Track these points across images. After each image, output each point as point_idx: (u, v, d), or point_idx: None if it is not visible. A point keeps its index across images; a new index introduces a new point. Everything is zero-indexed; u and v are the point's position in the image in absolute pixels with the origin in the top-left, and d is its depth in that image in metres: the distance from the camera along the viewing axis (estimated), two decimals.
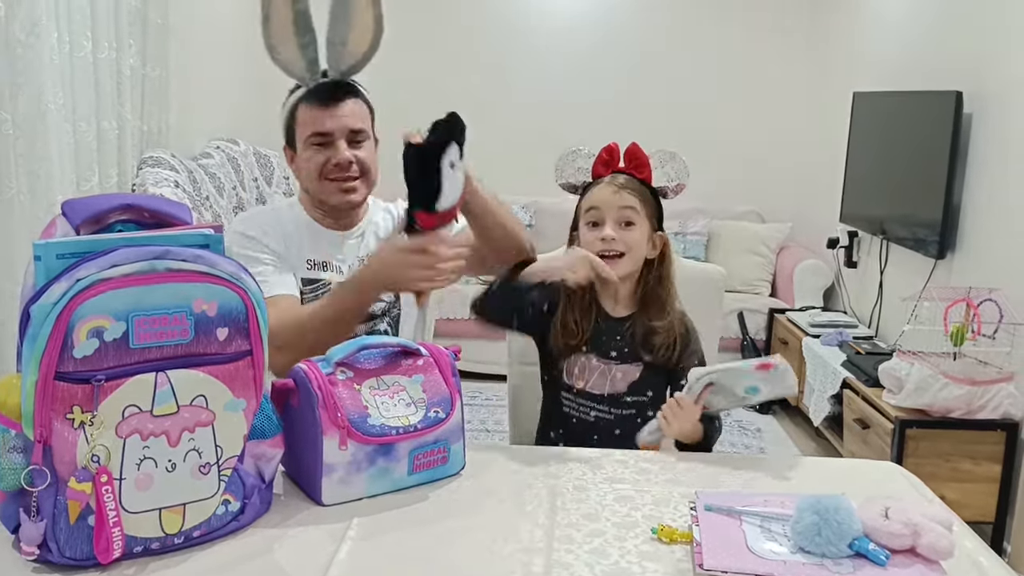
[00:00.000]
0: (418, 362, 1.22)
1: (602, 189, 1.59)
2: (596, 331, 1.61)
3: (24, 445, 0.92)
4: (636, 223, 1.56)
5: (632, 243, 1.56)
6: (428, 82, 4.98)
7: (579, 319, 1.60)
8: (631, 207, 1.56)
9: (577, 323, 1.60)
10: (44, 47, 2.12)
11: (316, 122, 1.59)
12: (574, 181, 1.65)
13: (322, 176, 1.62)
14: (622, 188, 1.57)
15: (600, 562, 1.00)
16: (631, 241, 1.56)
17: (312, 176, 1.63)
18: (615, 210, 1.56)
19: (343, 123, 1.60)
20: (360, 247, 1.72)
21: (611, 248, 1.55)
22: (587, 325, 1.60)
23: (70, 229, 0.98)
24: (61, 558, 0.94)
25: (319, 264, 1.67)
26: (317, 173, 1.62)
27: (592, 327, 1.61)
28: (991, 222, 2.85)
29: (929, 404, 2.63)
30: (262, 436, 1.08)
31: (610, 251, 1.55)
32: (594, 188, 1.61)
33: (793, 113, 4.86)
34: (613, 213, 1.56)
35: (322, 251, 1.68)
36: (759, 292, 4.45)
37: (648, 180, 1.61)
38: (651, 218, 1.59)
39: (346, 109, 1.61)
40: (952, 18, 3.22)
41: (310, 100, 1.60)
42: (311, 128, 1.60)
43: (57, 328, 0.88)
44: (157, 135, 2.97)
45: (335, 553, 1.01)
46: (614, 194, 1.56)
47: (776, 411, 4.03)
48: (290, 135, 1.65)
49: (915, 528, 0.97)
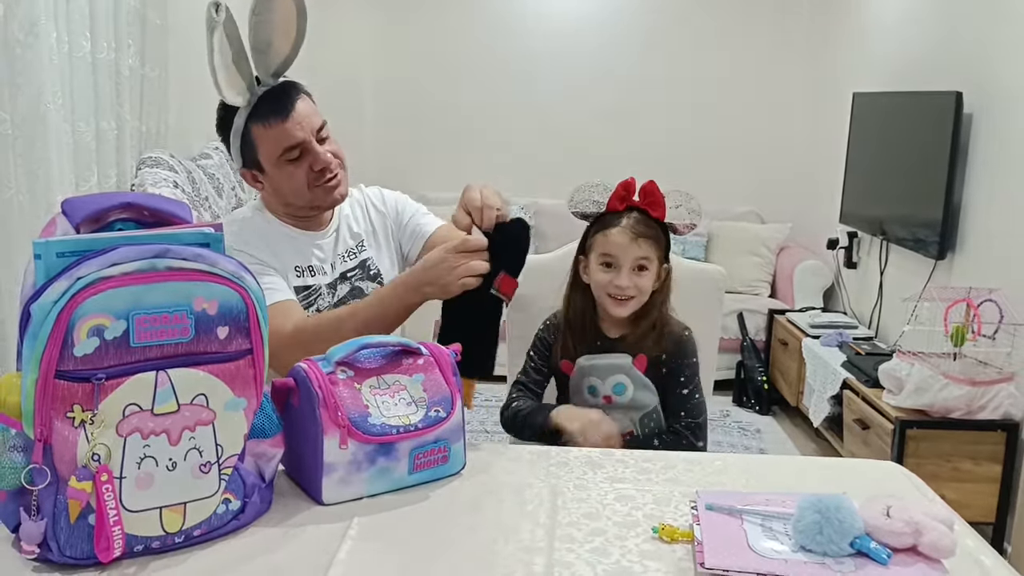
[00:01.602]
0: (419, 361, 1.22)
1: (619, 235, 1.60)
2: (597, 351, 1.67)
3: (24, 444, 0.92)
4: (649, 268, 1.61)
5: (643, 287, 1.61)
6: (428, 83, 4.99)
7: (579, 345, 1.67)
8: (645, 256, 1.60)
9: (576, 348, 1.67)
10: (43, 47, 2.12)
11: (283, 137, 1.54)
12: (587, 211, 1.67)
13: (311, 185, 1.59)
14: (639, 237, 1.59)
15: (601, 561, 1.00)
16: (643, 286, 1.61)
17: (299, 190, 1.59)
18: (631, 259, 1.59)
19: (306, 125, 1.56)
20: (338, 243, 1.71)
21: (624, 293, 1.60)
22: (584, 345, 1.67)
23: (70, 228, 0.98)
24: (61, 557, 0.93)
25: (306, 270, 1.65)
26: (304, 186, 1.59)
27: (590, 347, 1.67)
28: (991, 222, 2.85)
29: (929, 405, 2.63)
30: (263, 435, 1.07)
31: (622, 295, 1.61)
32: (611, 231, 1.61)
33: (793, 113, 4.86)
34: (629, 261, 1.59)
35: (305, 256, 1.66)
36: (759, 293, 4.45)
37: (661, 219, 1.63)
38: (661, 259, 1.63)
39: (301, 111, 1.56)
40: (952, 18, 3.22)
41: (264, 117, 1.53)
42: (281, 144, 1.54)
43: (57, 327, 0.88)
44: (156, 135, 2.97)
45: (335, 552, 1.00)
46: (631, 242, 1.59)
47: (776, 412, 4.03)
48: (249, 157, 1.59)
49: (917, 527, 0.97)
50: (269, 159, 1.57)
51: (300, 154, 1.56)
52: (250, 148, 1.57)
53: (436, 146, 5.06)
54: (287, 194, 1.62)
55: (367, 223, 1.78)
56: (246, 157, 1.59)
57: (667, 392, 1.64)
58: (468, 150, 5.07)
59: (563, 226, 4.88)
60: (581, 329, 1.68)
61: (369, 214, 1.80)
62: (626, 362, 1.62)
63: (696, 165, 4.82)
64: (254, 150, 1.57)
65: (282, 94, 1.55)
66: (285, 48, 1.53)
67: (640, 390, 1.62)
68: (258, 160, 1.58)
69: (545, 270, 1.84)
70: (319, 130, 1.59)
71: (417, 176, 4.98)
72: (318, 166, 1.58)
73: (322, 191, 1.61)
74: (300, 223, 1.68)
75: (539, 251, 4.58)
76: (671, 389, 1.64)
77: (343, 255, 1.71)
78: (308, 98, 1.60)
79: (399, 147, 4.94)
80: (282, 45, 1.52)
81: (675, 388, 1.63)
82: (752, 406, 4.06)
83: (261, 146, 1.56)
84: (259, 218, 1.67)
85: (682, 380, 1.63)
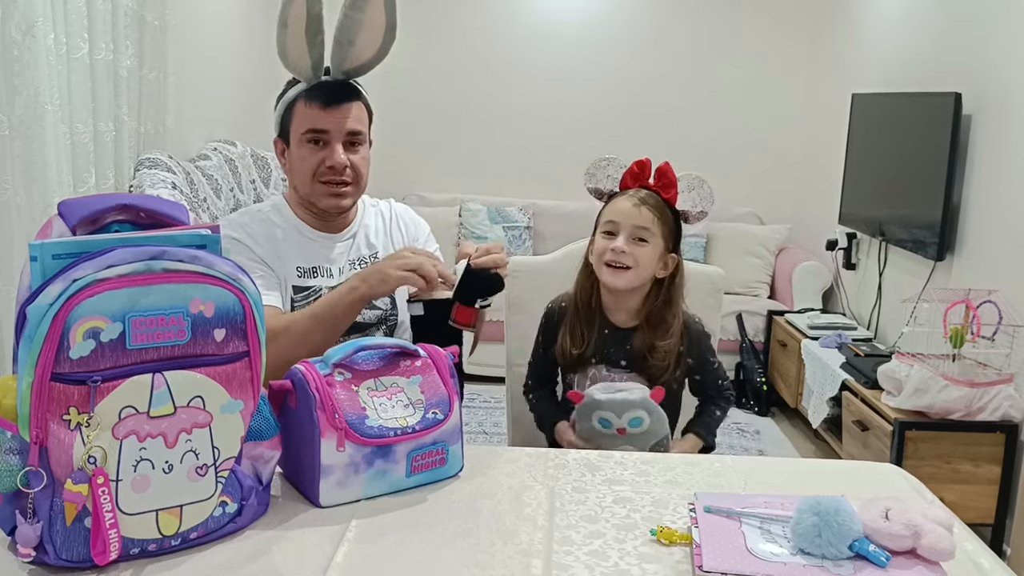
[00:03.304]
0: (416, 363, 1.21)
1: (623, 201, 1.60)
2: (603, 342, 1.64)
3: (20, 447, 0.92)
4: (649, 241, 1.58)
5: (641, 259, 1.57)
6: (427, 85, 4.99)
7: (584, 330, 1.64)
8: (646, 226, 1.57)
9: (583, 333, 1.64)
10: (40, 48, 2.11)
11: (315, 119, 1.59)
12: (602, 188, 1.66)
13: (315, 178, 1.61)
14: (642, 203, 1.58)
15: (599, 564, 1.00)
16: (640, 257, 1.57)
17: (305, 176, 1.62)
18: (631, 225, 1.57)
19: (342, 124, 1.59)
20: (351, 249, 1.71)
21: (619, 260, 1.57)
22: (592, 335, 1.64)
23: (66, 229, 0.97)
24: (57, 560, 0.93)
25: (308, 271, 1.65)
26: (310, 174, 1.61)
27: (598, 337, 1.64)
28: (990, 224, 2.85)
29: (928, 406, 2.63)
30: (260, 437, 1.07)
31: (618, 262, 1.57)
32: (617, 199, 1.62)
33: (792, 114, 4.86)
34: (628, 227, 1.58)
35: (311, 257, 1.67)
36: (758, 294, 4.44)
37: (672, 201, 1.62)
38: (666, 238, 1.60)
39: (347, 111, 1.60)
40: (951, 19, 3.22)
41: (312, 97, 1.59)
42: (308, 124, 1.59)
43: (53, 329, 0.87)
44: (154, 137, 2.96)
45: (333, 555, 1.00)
46: (634, 207, 1.58)
47: (775, 413, 4.03)
48: (284, 128, 1.65)
49: (916, 529, 0.96)
50: (295, 134, 1.62)
51: (320, 143, 1.61)
52: (288, 118, 1.63)
53: (436, 147, 5.06)
54: (296, 176, 1.65)
55: (387, 237, 1.78)
56: (282, 126, 1.65)
57: (702, 373, 1.69)
58: (468, 151, 5.07)
59: (562, 227, 4.91)
60: (588, 312, 1.65)
61: (391, 229, 1.80)
62: (643, 396, 1.54)
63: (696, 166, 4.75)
64: (290, 121, 1.62)
65: (339, 88, 1.61)
66: (366, 54, 1.60)
67: (656, 421, 1.55)
68: (288, 132, 1.63)
69: (545, 271, 1.84)
70: (353, 136, 1.62)
71: (417, 177, 4.98)
72: (329, 163, 1.60)
73: (322, 189, 1.62)
74: (316, 221, 1.69)
75: (539, 252, 4.59)
76: (705, 369, 1.69)
77: (355, 262, 1.70)
78: (363, 108, 1.65)
79: (399, 148, 4.93)
80: (364, 50, 1.59)
81: (707, 367, 1.69)
82: (751, 407, 4.06)
83: (295, 120, 1.61)
84: (274, 213, 1.69)
85: (710, 359, 1.69)
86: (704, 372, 1.69)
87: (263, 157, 3.73)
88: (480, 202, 4.79)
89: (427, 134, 5.06)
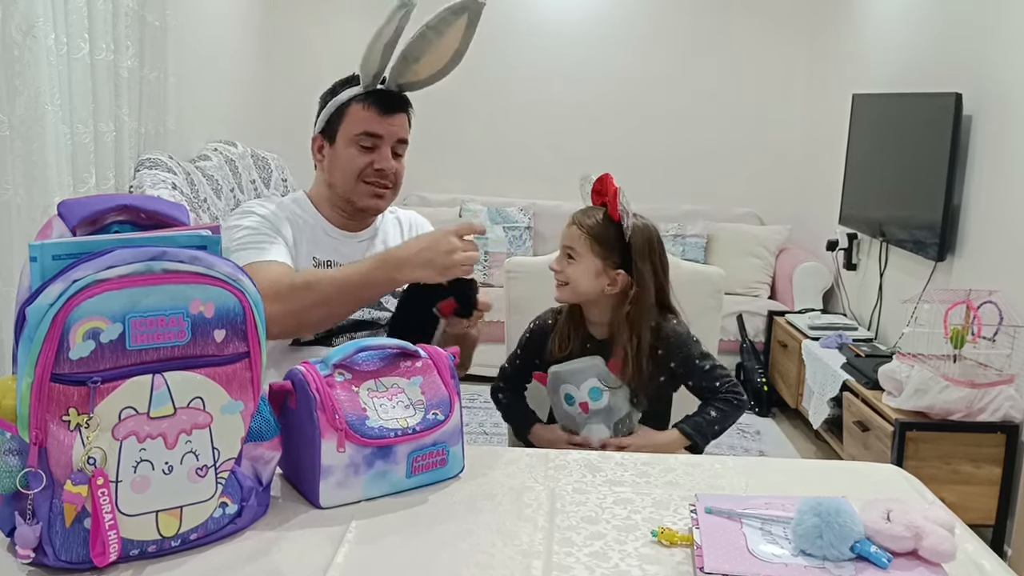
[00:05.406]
0: (417, 364, 1.21)
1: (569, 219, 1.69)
2: (586, 351, 1.69)
3: (20, 448, 0.92)
4: (576, 258, 1.65)
5: (571, 276, 1.65)
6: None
7: (571, 333, 1.71)
8: (571, 244, 1.66)
9: (569, 336, 1.71)
10: (41, 49, 2.11)
11: (370, 123, 1.64)
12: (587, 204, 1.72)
13: (360, 178, 1.66)
14: (573, 222, 1.66)
15: (600, 565, 1.00)
16: (571, 274, 1.65)
17: (349, 175, 1.66)
18: (562, 244, 1.68)
19: (394, 131, 1.66)
20: (367, 249, 1.74)
21: (556, 277, 1.67)
22: (577, 340, 1.70)
23: (66, 230, 0.97)
24: (57, 561, 0.93)
25: (323, 263, 1.68)
26: (356, 174, 1.66)
27: (581, 344, 1.70)
28: (991, 224, 2.85)
29: (929, 406, 2.63)
30: (260, 438, 1.07)
31: (556, 279, 1.68)
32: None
33: (792, 115, 4.86)
34: (562, 245, 1.68)
35: (327, 250, 1.70)
36: (758, 294, 4.44)
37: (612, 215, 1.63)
38: (601, 256, 1.63)
39: (401, 120, 1.68)
40: (952, 20, 3.22)
41: (370, 102, 1.64)
42: (364, 127, 1.64)
43: (53, 330, 0.87)
44: (155, 137, 2.96)
45: (333, 556, 1.00)
46: (567, 226, 1.68)
47: (775, 414, 4.03)
48: (331, 126, 1.67)
49: (917, 531, 0.96)
50: (346, 135, 1.65)
51: (373, 146, 1.65)
52: (338, 119, 1.66)
53: (436, 148, 5.05)
54: (337, 173, 1.68)
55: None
56: (329, 125, 1.68)
57: (692, 376, 1.69)
58: (468, 152, 5.07)
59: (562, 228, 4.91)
60: (574, 320, 1.71)
61: (407, 237, 1.83)
62: (597, 363, 1.63)
63: (696, 166, 4.82)
64: (340, 122, 1.66)
65: (395, 98, 1.68)
66: (425, 72, 1.65)
67: (615, 394, 1.63)
68: (336, 132, 1.67)
69: (545, 271, 1.84)
70: (400, 144, 1.69)
71: (417, 177, 4.96)
72: (378, 165, 1.66)
73: (366, 189, 1.67)
74: (340, 220, 1.73)
75: (539, 252, 4.59)
76: (694, 372, 1.68)
77: None
78: (408, 120, 1.71)
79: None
80: (425, 68, 1.64)
81: (696, 370, 1.68)
82: (751, 408, 4.06)
83: (348, 121, 1.65)
84: (296, 206, 1.73)
85: (697, 360, 1.68)
86: (694, 375, 1.69)
87: (263, 157, 3.72)
88: (480, 202, 4.79)
89: (427, 135, 5.03)
